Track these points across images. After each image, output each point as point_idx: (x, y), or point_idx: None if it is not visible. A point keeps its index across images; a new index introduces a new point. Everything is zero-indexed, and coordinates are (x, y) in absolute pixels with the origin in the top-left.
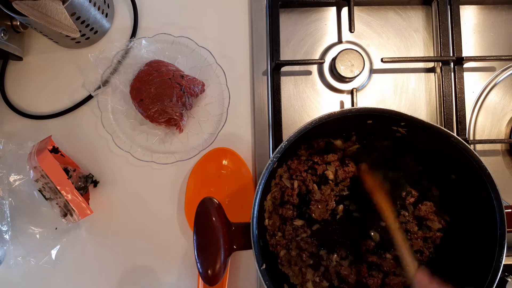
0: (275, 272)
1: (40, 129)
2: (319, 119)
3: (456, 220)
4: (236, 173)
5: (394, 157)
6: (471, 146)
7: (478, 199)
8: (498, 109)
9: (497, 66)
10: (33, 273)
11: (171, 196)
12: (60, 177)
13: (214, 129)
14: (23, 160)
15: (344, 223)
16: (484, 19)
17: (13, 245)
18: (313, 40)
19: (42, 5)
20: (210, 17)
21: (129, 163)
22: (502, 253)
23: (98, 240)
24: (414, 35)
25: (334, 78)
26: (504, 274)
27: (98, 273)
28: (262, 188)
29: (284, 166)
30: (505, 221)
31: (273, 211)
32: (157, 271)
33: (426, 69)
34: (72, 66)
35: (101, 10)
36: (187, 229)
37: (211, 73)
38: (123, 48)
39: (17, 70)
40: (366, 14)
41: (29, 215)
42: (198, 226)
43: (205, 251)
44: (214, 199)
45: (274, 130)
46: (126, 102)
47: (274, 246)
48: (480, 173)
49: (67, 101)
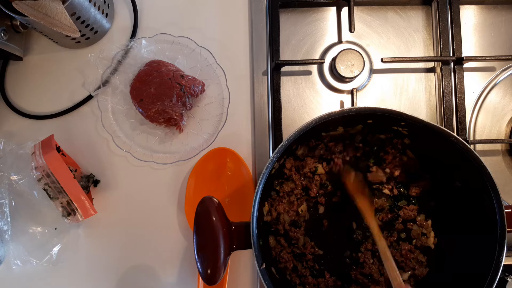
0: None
1: (40, 129)
2: (319, 119)
3: (456, 220)
4: (236, 173)
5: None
6: (471, 146)
7: (478, 199)
8: (498, 109)
9: (497, 66)
10: (34, 273)
11: (171, 196)
12: (66, 177)
13: (214, 129)
14: (23, 160)
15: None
16: (484, 19)
17: (13, 245)
18: (313, 40)
19: (42, 5)
20: (210, 17)
21: (129, 163)
22: (502, 253)
23: (98, 239)
24: (414, 35)
25: (334, 78)
26: (504, 274)
27: (98, 272)
28: (262, 188)
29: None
30: (505, 221)
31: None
32: (157, 271)
33: (426, 69)
34: (72, 66)
35: (101, 10)
36: (187, 229)
37: (211, 73)
38: (123, 48)
39: (17, 70)
40: (366, 14)
41: (30, 215)
42: (198, 226)
43: (205, 251)
44: (214, 199)
45: (274, 130)
46: (126, 102)
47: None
48: (480, 173)
49: (67, 101)
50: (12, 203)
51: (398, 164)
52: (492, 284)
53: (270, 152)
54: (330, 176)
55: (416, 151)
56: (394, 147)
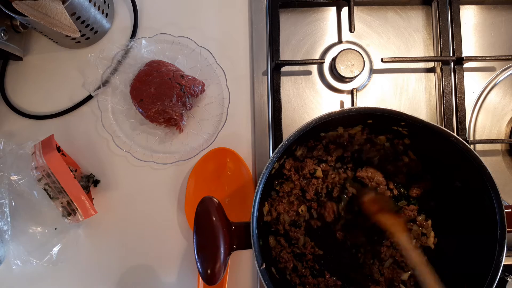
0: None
1: (40, 129)
2: (319, 119)
3: (456, 220)
4: (236, 173)
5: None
6: (471, 146)
7: (478, 199)
8: (498, 109)
9: (497, 66)
10: (34, 273)
11: (171, 196)
12: (67, 177)
13: (214, 129)
14: (23, 160)
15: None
16: (484, 19)
17: (13, 245)
18: (313, 40)
19: (42, 5)
20: (210, 17)
21: (129, 163)
22: (502, 253)
23: (98, 239)
24: (414, 35)
25: (334, 78)
26: (504, 274)
27: (98, 272)
28: (262, 188)
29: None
30: (505, 221)
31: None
32: (157, 271)
33: (426, 69)
34: (72, 66)
35: (101, 10)
36: (187, 229)
37: (211, 73)
38: (123, 48)
39: (17, 70)
40: (366, 14)
41: (30, 215)
42: (198, 226)
43: (205, 251)
44: (214, 199)
45: (274, 130)
46: (126, 102)
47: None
48: (480, 173)
49: (67, 101)
50: (12, 203)
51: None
52: (492, 284)
53: (270, 152)
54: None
55: (416, 151)
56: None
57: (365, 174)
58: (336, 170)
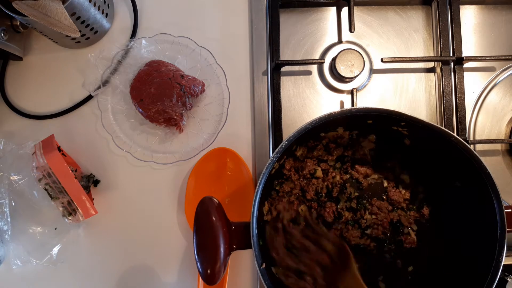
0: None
1: (40, 129)
2: (319, 119)
3: (456, 220)
4: (236, 173)
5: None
6: (471, 146)
7: (478, 199)
8: (498, 109)
9: (497, 66)
10: (34, 273)
11: (171, 196)
12: (67, 177)
13: (214, 129)
14: (23, 160)
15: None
16: (484, 19)
17: (13, 245)
18: (313, 40)
19: (42, 5)
20: (210, 17)
21: (129, 163)
22: (502, 253)
23: (98, 239)
24: (414, 35)
25: (334, 78)
26: (504, 274)
27: (98, 272)
28: (262, 188)
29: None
30: (505, 221)
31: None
32: (157, 271)
33: (426, 69)
34: (72, 66)
35: (101, 10)
36: (187, 229)
37: (211, 73)
38: (123, 48)
39: (17, 70)
40: (366, 14)
41: (30, 215)
42: (198, 226)
43: (205, 251)
44: (214, 199)
45: (274, 130)
46: (126, 102)
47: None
48: (480, 173)
49: (67, 101)
50: (12, 203)
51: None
52: (492, 284)
53: (270, 152)
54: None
55: (416, 151)
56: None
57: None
58: (337, 170)
